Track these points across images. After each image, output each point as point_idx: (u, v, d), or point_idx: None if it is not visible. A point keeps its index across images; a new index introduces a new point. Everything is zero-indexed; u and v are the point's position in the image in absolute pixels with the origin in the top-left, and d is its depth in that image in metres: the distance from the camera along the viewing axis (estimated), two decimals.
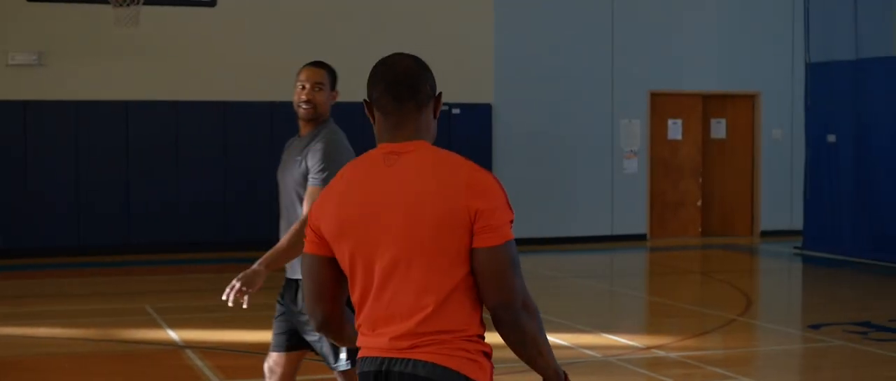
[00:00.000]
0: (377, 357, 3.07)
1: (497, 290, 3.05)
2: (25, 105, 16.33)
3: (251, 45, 17.09)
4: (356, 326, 3.19)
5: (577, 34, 18.66)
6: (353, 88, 17.31)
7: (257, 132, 17.15)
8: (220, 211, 17.14)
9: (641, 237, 19.16)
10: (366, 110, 3.24)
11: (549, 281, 14.48)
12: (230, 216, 17.16)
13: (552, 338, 9.95)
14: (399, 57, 3.24)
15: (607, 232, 18.97)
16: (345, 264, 3.14)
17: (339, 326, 3.27)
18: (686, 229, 19.61)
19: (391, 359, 3.05)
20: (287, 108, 17.04)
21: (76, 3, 15.27)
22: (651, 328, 11.03)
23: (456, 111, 18.02)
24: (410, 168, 3.10)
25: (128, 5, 13.37)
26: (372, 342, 3.11)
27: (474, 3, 18.24)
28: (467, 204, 3.03)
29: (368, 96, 3.21)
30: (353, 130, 6.19)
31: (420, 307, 3.02)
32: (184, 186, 16.94)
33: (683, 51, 19.24)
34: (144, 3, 13.46)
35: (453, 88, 17.90)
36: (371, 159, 3.18)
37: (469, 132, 18.03)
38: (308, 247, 3.18)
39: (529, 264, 16.31)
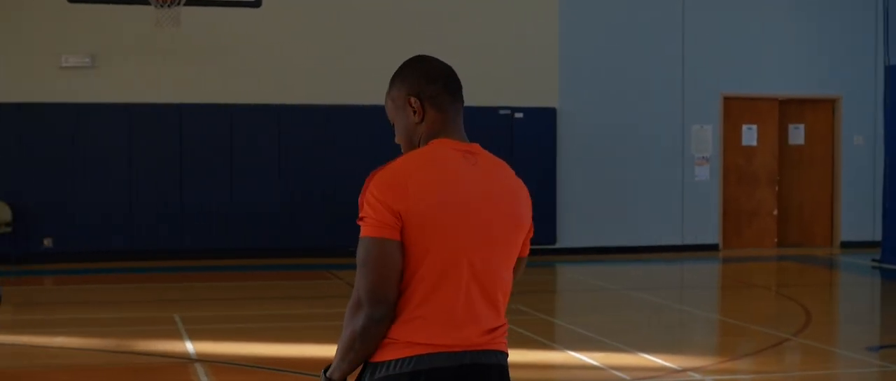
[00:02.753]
0: (455, 352, 3.06)
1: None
2: (78, 108, 16.17)
3: (299, 47, 16.74)
4: (406, 319, 3.06)
5: (646, 34, 17.96)
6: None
7: (312, 136, 16.80)
8: (274, 217, 16.78)
9: (713, 248, 18.37)
10: (411, 105, 3.21)
11: (603, 294, 13.85)
12: (283, 222, 16.80)
13: (581, 356, 9.47)
14: (430, 57, 3.29)
15: (677, 242, 18.23)
16: (418, 255, 3.04)
17: (392, 320, 3.08)
18: (761, 240, 18.77)
19: (475, 352, 3.09)
20: (341, 112, 16.88)
21: (128, 4, 15.00)
22: (693, 347, 10.31)
23: (519, 115, 17.45)
24: (491, 170, 3.21)
25: (169, 6, 13.05)
26: (446, 339, 3.06)
27: (538, 2, 17.64)
28: (529, 212, 3.31)
29: (417, 92, 3.21)
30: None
31: (500, 304, 3.19)
32: (237, 191, 16.63)
33: (759, 52, 18.40)
34: (186, 4, 13.12)
35: (516, 91, 17.40)
36: (450, 155, 3.16)
37: (532, 137, 17.46)
38: (382, 231, 3.01)
39: (589, 274, 15.69)
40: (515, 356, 9.27)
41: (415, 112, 3.20)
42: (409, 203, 3.02)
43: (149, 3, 13.19)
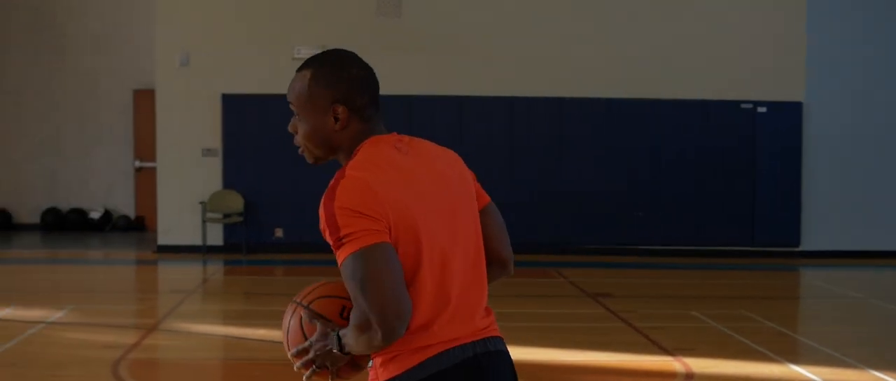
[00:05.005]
0: (466, 344, 2.95)
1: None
2: None
3: (527, 36, 16.28)
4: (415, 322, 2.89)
5: None
6: (643, 82, 16.36)
7: (543, 129, 16.36)
8: (504, 211, 16.36)
9: None
10: (335, 113, 3.01)
11: (844, 302, 12.83)
12: (514, 218, 16.40)
13: (803, 371, 8.64)
14: (357, 57, 3.09)
15: None
16: (408, 256, 2.86)
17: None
18: None
19: (480, 341, 2.99)
20: (572, 104, 16.36)
21: None
22: None
23: (762, 110, 16.51)
24: (422, 151, 3.05)
25: None
26: (452, 333, 2.93)
27: None
28: (463, 165, 3.14)
29: (345, 101, 3.01)
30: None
31: (485, 288, 3.08)
32: None
33: None
34: None
35: (759, 84, 16.51)
36: (391, 152, 2.99)
37: (776, 133, 16.48)
38: (376, 237, 2.79)
39: (832, 280, 14.63)
40: (726, 367, 8.73)
41: (337, 120, 3.01)
42: (387, 208, 2.84)
43: None
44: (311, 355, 2.98)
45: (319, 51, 12.58)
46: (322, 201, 2.87)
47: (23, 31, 19.57)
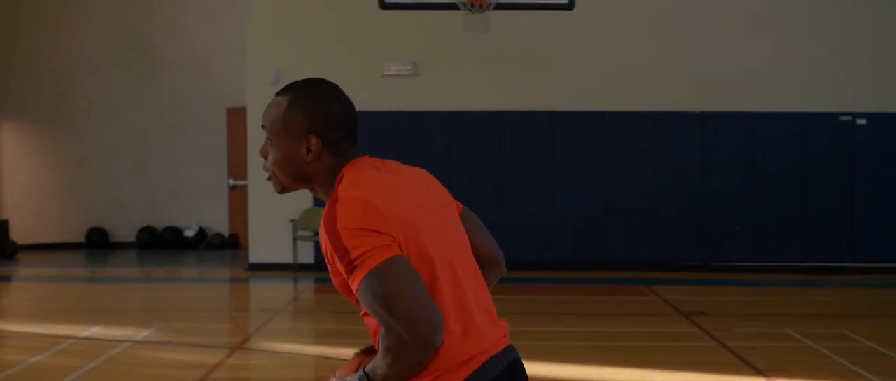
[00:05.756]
0: (499, 353, 2.90)
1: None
2: (400, 116, 16.19)
3: (616, 50, 16.05)
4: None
5: None
6: (738, 95, 16.01)
7: (635, 144, 16.11)
8: (597, 227, 16.20)
9: None
10: (308, 144, 2.91)
11: None
12: (607, 233, 16.18)
13: None
14: (338, 90, 2.98)
15: None
16: (422, 271, 2.77)
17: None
18: None
19: (504, 351, 2.93)
20: (665, 118, 16.07)
21: (442, 10, 14.82)
22: None
23: (861, 122, 16.06)
24: (398, 168, 3.00)
25: (479, 9, 12.73)
26: (484, 343, 2.86)
27: None
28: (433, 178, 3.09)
29: (320, 133, 2.91)
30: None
31: (489, 293, 3.04)
32: (560, 200, 16.16)
33: None
34: (496, 8, 12.76)
35: (857, 96, 16.06)
36: (375, 173, 2.92)
37: (875, 145, 16.03)
38: (390, 252, 2.70)
39: None
40: None
41: (309, 151, 2.91)
42: (392, 222, 2.74)
43: (460, 9, 12.88)
44: None
45: (410, 67, 12.39)
46: (323, 225, 2.76)
47: (121, 51, 19.86)
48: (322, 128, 2.90)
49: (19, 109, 19.87)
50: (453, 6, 12.65)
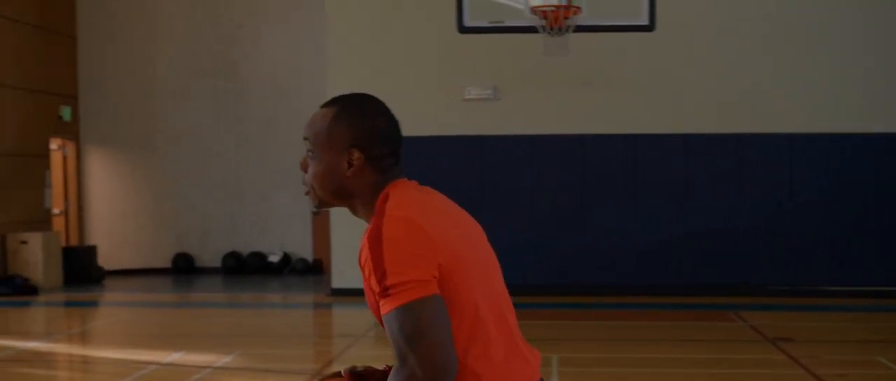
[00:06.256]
0: None
1: None
2: (481, 140, 16.12)
3: (700, 72, 15.83)
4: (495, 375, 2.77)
5: None
6: (826, 116, 15.69)
7: (718, 167, 15.86)
8: (680, 250, 15.96)
9: None
10: (350, 158, 2.84)
11: None
12: (691, 257, 15.93)
13: None
14: (384, 107, 2.94)
15: None
16: (467, 303, 2.72)
17: None
18: None
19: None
20: (750, 140, 15.80)
21: (528, 33, 14.76)
22: None
23: None
24: (444, 198, 2.93)
25: (559, 33, 12.62)
26: (524, 372, 2.82)
27: None
28: None
29: (363, 148, 2.85)
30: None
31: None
32: (642, 223, 15.96)
33: None
34: (575, 31, 12.64)
35: None
36: (420, 193, 2.88)
37: None
38: (428, 289, 2.62)
39: None
40: None
41: (350, 165, 2.83)
42: (439, 246, 2.67)
43: (539, 32, 12.78)
44: None
45: (491, 91, 12.26)
46: (366, 241, 2.69)
47: (205, 76, 20.09)
48: (366, 142, 2.85)
49: (107, 136, 20.19)
50: (532, 29, 12.53)
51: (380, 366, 3.00)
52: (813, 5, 15.88)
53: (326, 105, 2.89)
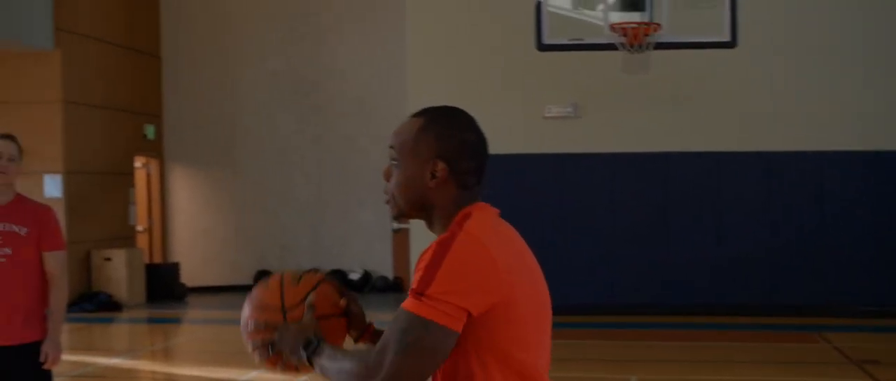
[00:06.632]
0: None
1: None
2: (562, 158, 16.03)
3: (782, 89, 15.59)
4: None
5: None
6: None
7: (803, 185, 15.60)
8: (764, 271, 15.70)
9: None
10: (434, 169, 2.80)
11: None
12: (774, 276, 15.68)
13: None
14: (474, 122, 2.90)
15: None
16: (504, 351, 2.67)
17: None
18: None
19: None
20: (834, 158, 15.51)
21: (608, 51, 14.66)
22: None
23: None
24: (517, 234, 2.85)
25: (639, 50, 12.51)
26: None
27: None
28: None
29: (449, 160, 2.81)
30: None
31: None
32: (722, 242, 15.74)
33: None
34: (655, 48, 12.51)
35: None
36: (502, 224, 2.83)
37: None
38: (451, 321, 2.58)
39: None
40: None
41: (434, 176, 2.78)
42: (503, 291, 2.62)
43: (618, 49, 12.68)
44: (276, 337, 2.89)
45: (571, 109, 12.21)
46: (435, 245, 2.65)
47: (287, 94, 20.24)
48: (452, 155, 2.80)
49: (189, 154, 20.43)
50: (612, 47, 12.42)
51: (367, 322, 3.08)
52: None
53: (416, 115, 2.87)
